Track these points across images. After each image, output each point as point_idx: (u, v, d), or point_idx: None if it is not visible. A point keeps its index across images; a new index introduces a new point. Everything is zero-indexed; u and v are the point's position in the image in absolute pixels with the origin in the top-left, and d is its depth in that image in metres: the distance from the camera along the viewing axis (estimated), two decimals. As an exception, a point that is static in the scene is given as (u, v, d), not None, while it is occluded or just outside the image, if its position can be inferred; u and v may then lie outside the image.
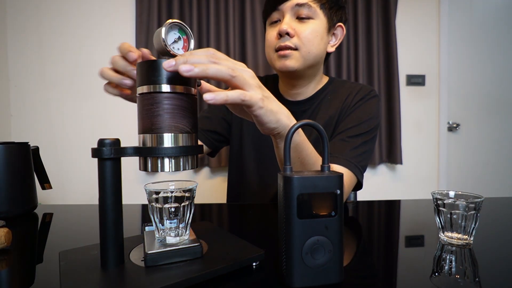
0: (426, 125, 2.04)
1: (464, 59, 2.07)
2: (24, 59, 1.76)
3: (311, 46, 0.70)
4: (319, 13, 0.71)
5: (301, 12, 0.69)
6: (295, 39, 0.69)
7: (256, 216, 0.67)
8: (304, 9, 0.69)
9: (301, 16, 0.69)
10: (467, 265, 0.40)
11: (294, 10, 0.70)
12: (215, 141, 0.86)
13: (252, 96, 0.38)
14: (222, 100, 0.35)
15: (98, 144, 0.33)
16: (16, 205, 0.63)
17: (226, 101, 0.36)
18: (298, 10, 0.69)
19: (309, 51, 0.70)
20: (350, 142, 0.70)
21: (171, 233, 0.38)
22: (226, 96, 0.35)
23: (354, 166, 0.67)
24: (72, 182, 1.80)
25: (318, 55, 0.72)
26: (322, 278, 0.34)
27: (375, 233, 0.56)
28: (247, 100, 0.37)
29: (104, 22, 1.79)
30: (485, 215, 0.61)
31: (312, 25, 0.70)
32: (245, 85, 0.38)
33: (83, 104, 1.77)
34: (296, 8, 0.69)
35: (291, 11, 0.70)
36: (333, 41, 0.78)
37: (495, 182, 2.11)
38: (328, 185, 0.33)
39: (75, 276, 0.33)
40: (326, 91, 0.81)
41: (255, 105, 0.39)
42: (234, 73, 0.36)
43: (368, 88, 0.79)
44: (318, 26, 0.70)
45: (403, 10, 1.96)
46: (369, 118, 0.73)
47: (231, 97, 0.36)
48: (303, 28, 0.69)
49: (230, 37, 1.76)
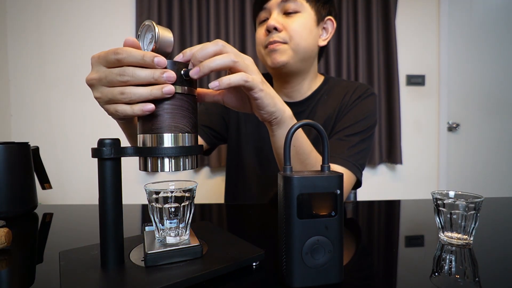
0: (426, 125, 2.04)
1: (464, 59, 2.07)
2: (24, 59, 1.76)
3: (299, 39, 0.70)
4: (306, 7, 0.71)
5: (287, 7, 0.70)
6: (283, 34, 0.69)
7: (256, 216, 0.67)
8: (290, 4, 0.69)
9: (288, 11, 0.70)
10: (467, 265, 0.40)
11: (280, 6, 0.70)
12: (214, 138, 0.85)
13: (254, 78, 0.40)
14: (226, 84, 0.37)
15: (98, 144, 0.33)
16: (16, 205, 0.63)
17: (230, 84, 0.37)
18: (284, 6, 0.70)
19: (298, 43, 0.70)
20: (347, 141, 0.70)
21: (171, 233, 0.38)
22: (229, 80, 0.37)
23: (352, 165, 0.67)
24: (72, 182, 1.80)
25: (308, 48, 0.72)
26: (322, 278, 0.34)
27: (375, 233, 0.56)
28: (249, 81, 0.39)
29: (104, 22, 1.79)
30: (485, 215, 0.61)
31: (300, 18, 0.70)
32: (247, 69, 0.40)
33: (83, 104, 1.78)
34: (283, 4, 0.70)
35: (277, 8, 0.70)
36: (324, 35, 0.78)
37: (495, 182, 2.11)
38: (328, 185, 0.33)
39: (75, 276, 0.33)
40: (322, 90, 0.81)
41: (257, 87, 0.41)
42: (236, 58, 0.38)
43: (364, 86, 0.79)
44: (306, 19, 0.71)
45: (403, 10, 1.96)
46: (366, 116, 0.73)
47: (234, 80, 0.38)
48: (290, 22, 0.70)
49: (230, 37, 1.77)
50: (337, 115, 0.77)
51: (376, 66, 1.88)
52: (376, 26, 1.87)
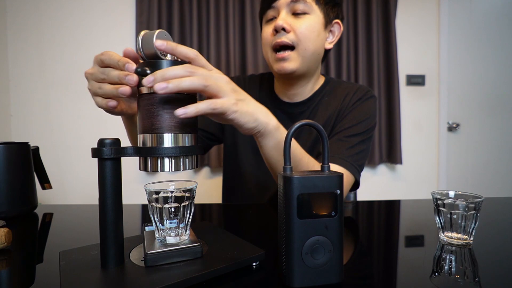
0: (426, 125, 2.04)
1: (464, 59, 2.07)
2: (24, 59, 1.76)
3: (308, 42, 0.69)
4: (315, 9, 0.70)
5: (296, 7, 0.69)
6: (291, 35, 0.69)
7: (256, 216, 0.67)
8: (299, 5, 0.69)
9: (297, 11, 0.69)
10: (467, 265, 0.40)
11: (289, 6, 0.69)
12: (207, 140, 0.85)
13: (223, 103, 0.39)
14: (193, 112, 0.35)
15: (98, 144, 0.33)
16: (16, 205, 0.63)
17: (197, 113, 0.36)
18: (293, 6, 0.69)
19: (306, 48, 0.70)
20: (346, 142, 0.70)
21: (171, 233, 0.38)
22: (196, 108, 0.35)
23: (351, 165, 0.67)
24: (72, 182, 1.80)
25: (315, 52, 0.72)
26: (322, 278, 0.34)
27: (375, 233, 0.56)
28: (218, 108, 0.38)
29: (104, 22, 1.79)
30: (485, 215, 0.61)
31: (308, 20, 0.69)
32: (219, 92, 0.39)
33: (83, 104, 1.77)
34: (292, 4, 0.69)
35: (286, 7, 0.70)
36: (330, 38, 0.77)
37: (495, 182, 2.11)
38: (328, 185, 0.33)
39: (75, 276, 0.33)
40: (323, 92, 0.81)
41: (228, 110, 0.40)
42: (207, 82, 0.37)
43: (365, 88, 0.79)
44: (315, 21, 0.70)
45: (403, 10, 1.96)
46: (366, 118, 0.73)
47: (201, 108, 0.36)
48: (299, 24, 0.69)
49: (230, 37, 1.76)
50: (337, 116, 0.77)
51: (376, 66, 1.88)
52: (376, 26, 1.87)
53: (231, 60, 1.77)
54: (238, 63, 1.80)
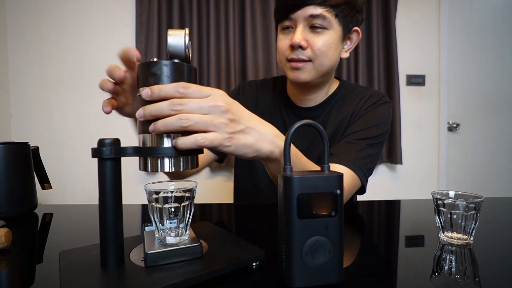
0: (426, 125, 2.04)
1: (464, 59, 2.07)
2: (24, 59, 1.76)
3: (324, 58, 0.68)
4: (334, 23, 0.68)
5: (315, 22, 0.67)
6: (308, 51, 0.68)
7: (256, 216, 0.67)
8: (318, 20, 0.66)
9: (315, 25, 0.67)
10: (467, 265, 0.40)
11: (307, 20, 0.67)
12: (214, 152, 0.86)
13: (213, 139, 0.35)
14: (181, 147, 0.34)
15: (98, 144, 0.33)
16: (16, 205, 0.63)
17: (185, 148, 0.34)
18: (311, 21, 0.67)
19: (322, 63, 0.69)
20: (356, 144, 0.69)
21: (171, 233, 0.38)
22: (184, 143, 0.34)
23: (358, 168, 0.65)
24: (72, 182, 1.80)
25: (331, 66, 0.71)
26: (322, 278, 0.34)
27: (375, 233, 0.56)
28: (206, 144, 0.35)
29: (104, 22, 1.79)
30: (485, 215, 0.61)
31: (326, 36, 0.67)
32: (208, 127, 0.35)
33: (83, 104, 1.77)
34: (310, 18, 0.66)
35: (304, 21, 0.67)
36: (348, 45, 0.75)
37: (495, 182, 2.11)
38: (328, 185, 0.33)
39: (75, 276, 0.33)
40: (337, 96, 0.80)
41: (219, 146, 0.36)
42: (187, 122, 0.33)
43: (380, 93, 0.78)
44: (332, 37, 0.68)
45: (403, 10, 1.96)
46: (378, 123, 0.72)
47: (189, 143, 0.34)
48: (316, 40, 0.67)
49: (230, 37, 1.76)
50: (349, 120, 0.76)
51: (376, 66, 1.88)
52: (376, 26, 1.87)
53: (231, 60, 1.77)
54: (238, 63, 1.80)
